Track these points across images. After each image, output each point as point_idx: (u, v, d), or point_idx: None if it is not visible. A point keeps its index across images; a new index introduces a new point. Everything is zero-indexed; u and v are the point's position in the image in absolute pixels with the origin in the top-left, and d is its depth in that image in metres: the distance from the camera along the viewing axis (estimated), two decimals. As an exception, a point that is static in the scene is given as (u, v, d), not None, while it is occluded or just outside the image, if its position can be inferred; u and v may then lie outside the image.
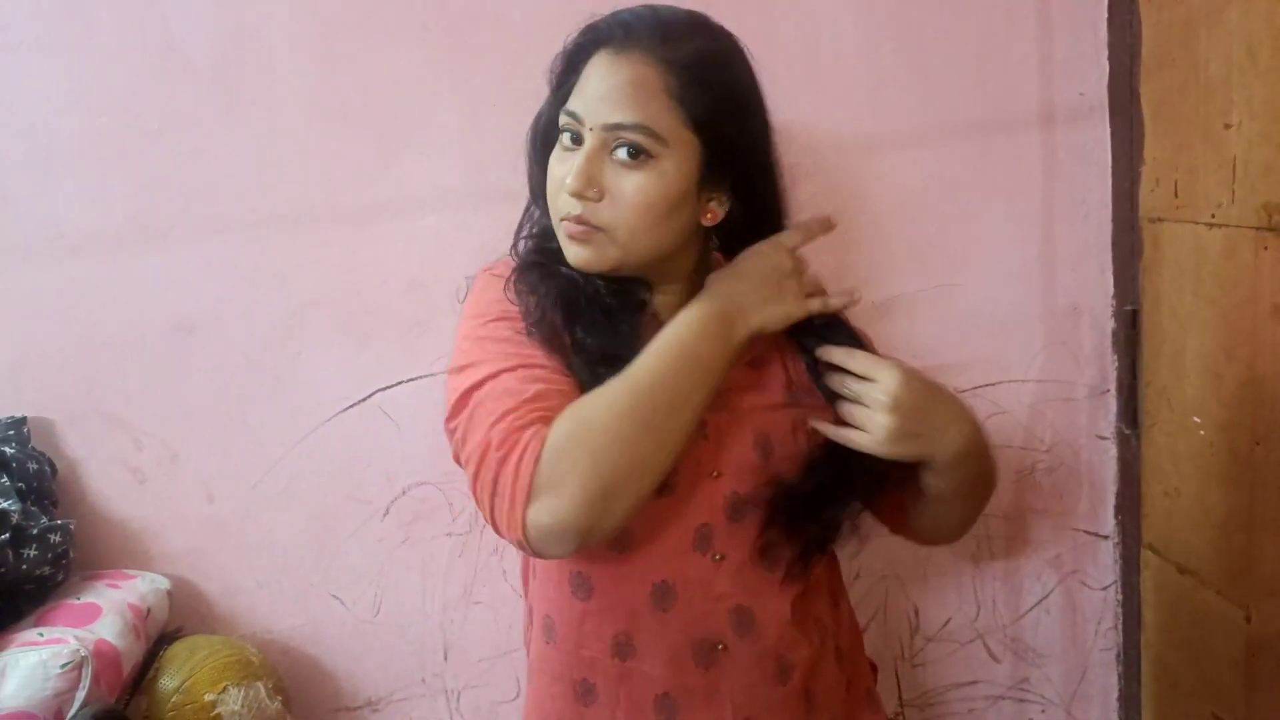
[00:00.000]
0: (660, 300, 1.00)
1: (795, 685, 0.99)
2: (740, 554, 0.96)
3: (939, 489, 0.98)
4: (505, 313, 0.95)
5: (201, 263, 1.33)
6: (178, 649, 1.28)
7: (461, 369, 0.92)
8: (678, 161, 0.91)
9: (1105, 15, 1.42)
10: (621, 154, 0.89)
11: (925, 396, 0.92)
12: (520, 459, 0.83)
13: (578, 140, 0.92)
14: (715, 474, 0.96)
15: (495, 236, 1.33)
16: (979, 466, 1.00)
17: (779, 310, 0.94)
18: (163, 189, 1.31)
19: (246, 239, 1.33)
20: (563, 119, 0.93)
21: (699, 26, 0.95)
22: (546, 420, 0.84)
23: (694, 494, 0.95)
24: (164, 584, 1.33)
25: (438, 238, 1.35)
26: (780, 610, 0.98)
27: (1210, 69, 1.22)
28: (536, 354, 0.91)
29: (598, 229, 0.91)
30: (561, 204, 0.92)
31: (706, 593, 0.96)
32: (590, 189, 0.90)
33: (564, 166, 0.92)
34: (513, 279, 0.97)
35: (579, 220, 0.91)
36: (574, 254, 0.93)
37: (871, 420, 0.91)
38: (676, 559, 0.95)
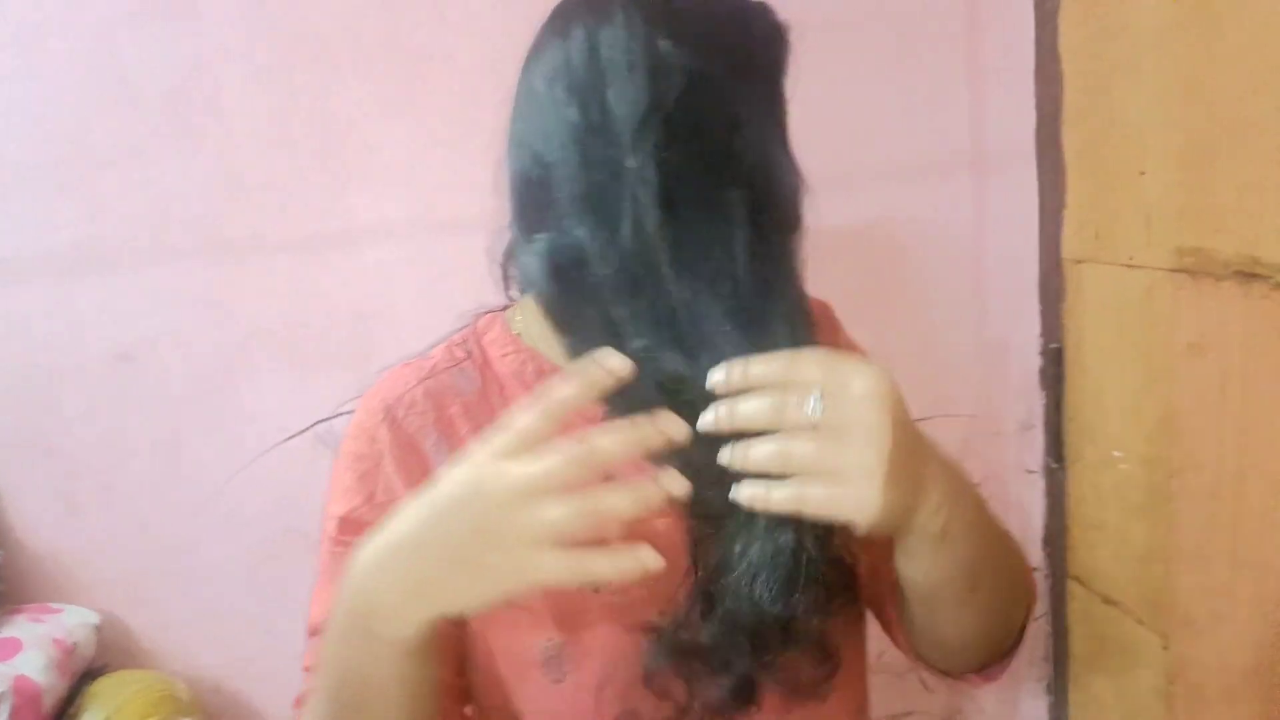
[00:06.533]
0: None
1: None
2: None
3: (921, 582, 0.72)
4: (352, 511, 0.79)
5: (146, 292, 1.33)
6: (104, 685, 1.26)
7: (316, 587, 0.82)
8: None
9: (1033, 66, 1.49)
10: None
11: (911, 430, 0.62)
12: None
13: None
14: None
15: (442, 269, 1.36)
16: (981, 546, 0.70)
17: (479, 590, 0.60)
18: (111, 218, 1.31)
19: (193, 268, 1.33)
20: None
21: None
22: None
23: None
24: (93, 618, 1.30)
25: (384, 270, 1.36)
26: None
27: (1126, 117, 1.28)
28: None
29: None
30: None
31: None
32: None
33: None
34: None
35: None
36: None
37: (851, 466, 0.57)
38: None
